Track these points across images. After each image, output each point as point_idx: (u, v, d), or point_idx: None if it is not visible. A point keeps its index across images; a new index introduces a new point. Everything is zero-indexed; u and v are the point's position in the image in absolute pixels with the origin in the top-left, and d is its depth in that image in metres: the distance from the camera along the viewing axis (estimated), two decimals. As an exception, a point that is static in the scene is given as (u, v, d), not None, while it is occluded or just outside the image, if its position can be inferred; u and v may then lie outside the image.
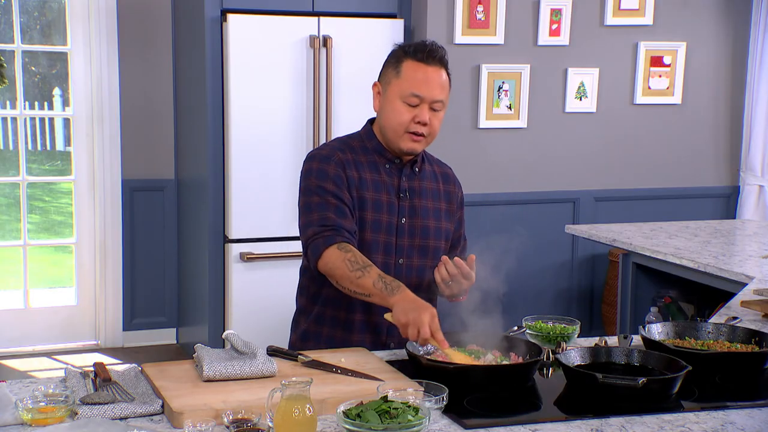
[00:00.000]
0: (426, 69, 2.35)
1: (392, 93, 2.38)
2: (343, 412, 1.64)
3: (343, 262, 2.24)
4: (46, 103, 5.79)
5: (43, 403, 1.70)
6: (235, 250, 4.77)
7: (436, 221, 2.47)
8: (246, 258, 4.73)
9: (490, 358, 2.09)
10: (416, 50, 2.37)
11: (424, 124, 2.35)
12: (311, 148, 4.80)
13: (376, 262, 2.33)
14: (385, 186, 2.42)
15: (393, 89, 2.38)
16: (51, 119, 6.18)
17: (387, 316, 2.21)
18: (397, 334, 2.31)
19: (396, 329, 2.25)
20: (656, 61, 5.38)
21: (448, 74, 2.41)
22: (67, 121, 5.68)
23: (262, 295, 4.79)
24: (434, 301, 2.47)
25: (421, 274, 2.44)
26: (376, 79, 2.47)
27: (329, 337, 2.41)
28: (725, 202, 5.70)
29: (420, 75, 2.34)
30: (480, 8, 5.00)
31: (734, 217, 5.61)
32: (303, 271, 2.49)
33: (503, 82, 5.11)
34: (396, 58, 2.41)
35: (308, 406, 1.60)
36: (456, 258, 2.28)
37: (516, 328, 2.31)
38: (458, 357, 2.06)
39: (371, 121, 2.49)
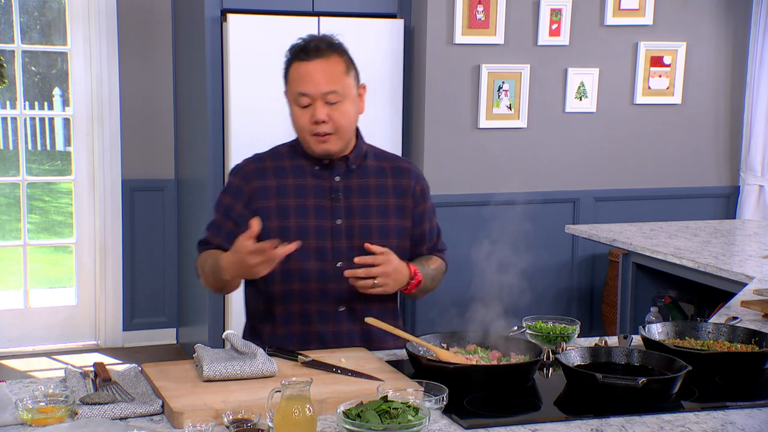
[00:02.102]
0: (307, 65, 2.26)
1: (289, 99, 2.33)
2: (343, 412, 1.64)
3: (198, 267, 2.38)
4: (46, 103, 5.79)
5: (43, 403, 1.70)
6: (235, 250, 4.76)
7: (381, 219, 2.37)
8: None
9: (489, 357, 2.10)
10: (297, 50, 2.30)
11: (323, 122, 2.26)
12: (311, 148, 4.81)
13: (311, 269, 2.30)
14: (312, 190, 2.34)
15: (288, 95, 2.33)
16: (51, 119, 6.18)
17: (368, 320, 2.22)
18: (345, 344, 2.31)
19: (341, 338, 2.31)
20: (656, 61, 5.38)
21: (346, 60, 2.30)
22: (67, 121, 5.68)
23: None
24: (395, 301, 2.46)
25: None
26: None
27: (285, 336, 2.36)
28: (725, 202, 5.70)
29: (302, 72, 2.27)
30: (480, 8, 5.00)
31: (734, 217, 5.61)
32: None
33: (503, 82, 5.11)
34: (285, 63, 2.34)
35: (308, 406, 1.60)
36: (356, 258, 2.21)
37: (516, 328, 2.31)
38: (456, 358, 2.06)
39: None
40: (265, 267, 2.11)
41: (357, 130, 2.40)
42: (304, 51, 2.28)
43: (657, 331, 2.28)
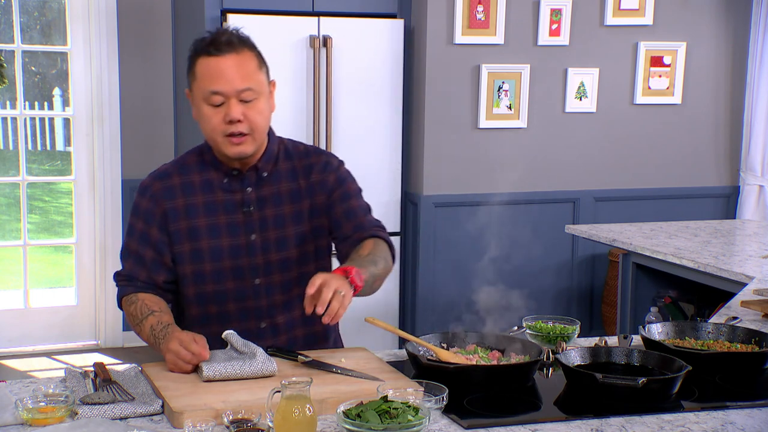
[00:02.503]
0: (217, 60, 2.08)
1: (197, 98, 2.13)
2: (343, 412, 1.64)
3: (128, 316, 2.20)
4: (46, 103, 5.79)
5: (43, 403, 1.70)
6: (235, 250, 4.77)
7: (297, 226, 2.22)
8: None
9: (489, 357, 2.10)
10: (204, 44, 2.11)
11: (238, 121, 2.09)
12: (311, 148, 4.81)
13: (228, 290, 2.19)
14: (222, 206, 2.19)
15: (196, 94, 2.13)
16: (51, 119, 6.18)
17: (368, 319, 2.14)
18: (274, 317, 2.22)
19: (266, 340, 2.18)
20: (656, 61, 5.38)
21: (257, 55, 2.15)
22: (67, 121, 5.68)
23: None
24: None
25: (287, 290, 2.23)
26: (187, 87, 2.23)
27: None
28: (725, 202, 5.70)
29: (212, 69, 2.09)
30: (480, 8, 5.00)
31: (734, 217, 5.61)
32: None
33: (503, 82, 5.11)
34: (190, 60, 2.14)
35: (308, 406, 1.60)
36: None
37: (516, 328, 2.31)
38: (456, 358, 2.06)
39: None
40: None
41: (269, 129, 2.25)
42: (214, 45, 2.09)
43: (657, 331, 2.28)
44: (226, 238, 2.19)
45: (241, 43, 2.12)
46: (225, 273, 2.19)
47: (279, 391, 1.62)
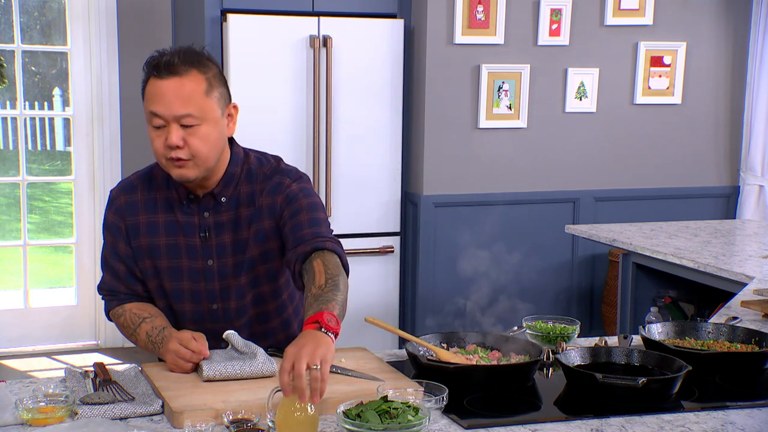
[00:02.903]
0: (160, 83, 2.01)
1: (146, 119, 2.08)
2: (343, 412, 1.64)
3: (121, 327, 2.20)
4: (46, 103, 5.79)
5: (43, 403, 1.70)
6: (235, 250, 4.77)
7: (254, 249, 2.15)
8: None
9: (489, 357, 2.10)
10: (151, 65, 2.04)
11: (177, 147, 2.02)
12: (311, 148, 4.82)
13: (185, 311, 2.19)
14: (181, 227, 2.15)
15: (145, 114, 2.08)
16: (51, 119, 6.18)
17: (368, 319, 2.16)
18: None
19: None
20: (656, 61, 5.38)
21: (208, 78, 2.05)
22: (67, 121, 5.68)
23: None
24: (281, 332, 2.25)
25: (242, 315, 2.20)
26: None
27: None
28: (725, 202, 5.70)
29: (154, 91, 2.03)
30: (480, 8, 5.00)
31: (734, 217, 5.61)
32: None
33: (503, 82, 5.11)
34: (143, 78, 2.09)
35: (309, 405, 1.60)
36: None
37: (516, 328, 2.31)
38: (456, 358, 2.06)
39: None
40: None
41: (232, 146, 2.19)
42: (157, 67, 2.02)
43: (657, 331, 2.28)
44: (185, 260, 2.17)
45: (188, 64, 2.03)
46: (182, 294, 2.19)
47: (280, 390, 1.62)
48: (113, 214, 2.20)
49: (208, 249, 2.16)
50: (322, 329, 1.73)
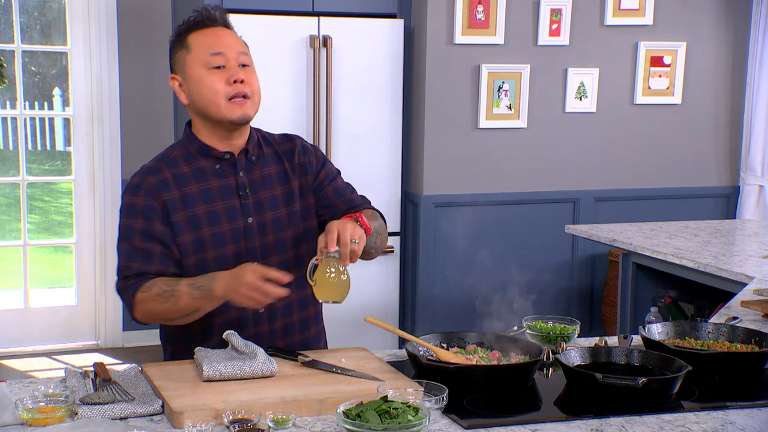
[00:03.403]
0: (214, 30, 2.17)
1: (193, 70, 2.15)
2: (343, 412, 1.64)
3: (154, 300, 2.07)
4: (46, 103, 5.79)
5: (43, 403, 1.70)
6: (235, 250, 4.77)
7: (289, 206, 2.24)
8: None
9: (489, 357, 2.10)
10: (193, 22, 2.18)
11: (241, 82, 2.12)
12: (311, 148, 4.81)
13: None
14: (218, 192, 2.18)
15: (191, 67, 2.15)
16: (51, 119, 6.18)
17: (368, 319, 2.18)
18: (267, 343, 2.17)
19: (264, 338, 2.17)
20: (656, 61, 5.38)
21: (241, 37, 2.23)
22: (67, 121, 5.69)
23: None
24: (317, 304, 2.28)
25: (284, 271, 2.15)
26: (170, 75, 2.26)
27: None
28: (725, 202, 5.70)
29: (210, 37, 2.16)
30: (480, 8, 5.00)
31: (734, 217, 5.61)
32: None
33: (503, 82, 5.11)
34: (179, 41, 2.20)
35: (343, 270, 1.98)
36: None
37: (516, 328, 2.31)
38: (456, 358, 2.06)
39: (189, 124, 2.25)
40: (266, 299, 2.00)
41: None
42: (206, 19, 2.17)
43: (657, 331, 2.28)
44: (226, 224, 2.17)
45: (230, 22, 2.23)
46: (227, 259, 2.16)
47: (317, 259, 2.00)
48: (143, 197, 2.14)
49: (247, 207, 2.20)
50: (358, 222, 2.08)
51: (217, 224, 2.17)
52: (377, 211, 2.37)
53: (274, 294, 1.97)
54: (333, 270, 1.98)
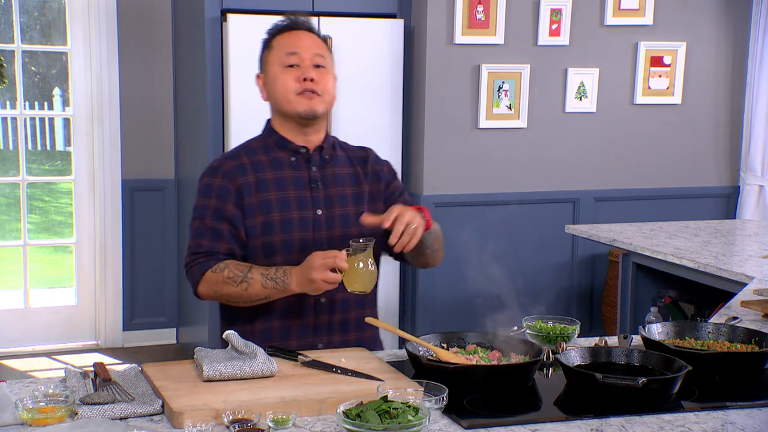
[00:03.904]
0: (296, 33, 2.37)
1: (272, 68, 2.34)
2: (343, 412, 1.64)
3: (224, 282, 2.22)
4: (46, 103, 5.79)
5: (43, 403, 1.70)
6: (235, 250, 4.77)
7: (357, 207, 2.36)
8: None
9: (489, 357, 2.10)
10: (280, 26, 2.40)
11: (311, 79, 2.28)
12: (311, 148, 4.81)
13: (294, 261, 2.24)
14: (291, 181, 2.33)
15: (271, 65, 2.35)
16: (51, 119, 6.18)
17: (368, 320, 2.22)
18: (324, 332, 2.31)
19: (320, 330, 2.28)
20: (656, 61, 5.38)
21: (324, 42, 2.40)
22: (67, 121, 5.69)
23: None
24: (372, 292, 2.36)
25: None
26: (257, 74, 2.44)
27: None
28: (725, 202, 5.70)
29: (290, 38, 2.36)
30: (480, 8, 5.00)
31: (734, 217, 5.61)
32: None
33: (503, 82, 5.11)
34: (266, 43, 2.41)
35: (370, 262, 2.11)
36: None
37: (516, 328, 2.31)
38: (456, 358, 2.06)
39: (269, 120, 2.43)
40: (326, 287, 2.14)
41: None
42: (290, 25, 2.37)
43: (657, 331, 2.28)
44: (295, 211, 2.30)
45: (314, 28, 2.43)
46: (292, 244, 2.28)
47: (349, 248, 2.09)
48: (220, 179, 2.30)
49: (317, 199, 2.32)
50: (421, 213, 2.18)
51: (287, 211, 2.29)
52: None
53: (332, 279, 2.11)
54: (361, 261, 2.11)
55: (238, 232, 2.28)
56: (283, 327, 2.29)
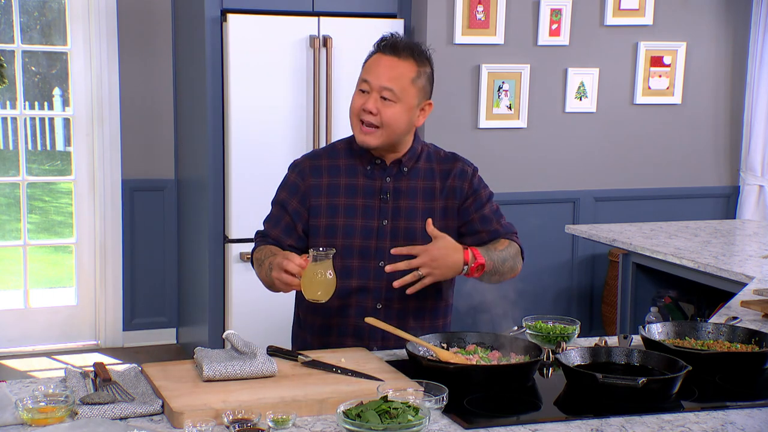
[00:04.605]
0: (381, 57, 2.34)
1: (357, 84, 2.40)
2: (343, 412, 1.64)
3: (255, 263, 2.39)
4: (46, 103, 5.79)
5: (43, 403, 1.70)
6: (235, 250, 4.77)
7: (425, 221, 2.34)
8: (246, 258, 4.73)
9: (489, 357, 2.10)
10: (380, 43, 2.37)
11: (370, 112, 2.32)
12: (311, 148, 4.81)
13: (353, 267, 2.36)
14: (362, 189, 2.39)
15: (358, 81, 2.40)
16: (51, 119, 6.18)
17: (368, 319, 2.23)
18: (379, 337, 2.35)
19: (375, 331, 2.30)
20: (656, 61, 5.38)
21: (420, 70, 2.33)
22: (67, 121, 5.68)
23: (262, 295, 4.73)
24: (437, 299, 2.45)
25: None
26: None
27: (311, 343, 2.42)
28: (725, 202, 5.70)
29: (373, 62, 2.35)
30: (480, 8, 5.00)
31: (734, 217, 5.61)
32: None
33: (503, 82, 5.11)
34: (369, 54, 2.42)
35: (328, 272, 2.08)
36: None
37: (516, 328, 2.31)
38: (456, 358, 2.06)
39: None
40: (286, 288, 2.21)
41: (416, 131, 2.46)
42: (383, 45, 2.35)
43: (657, 331, 2.28)
44: (360, 219, 2.38)
45: (408, 52, 2.33)
46: (352, 250, 2.36)
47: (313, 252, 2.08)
48: (296, 175, 2.43)
49: (384, 210, 2.39)
50: (465, 262, 2.23)
51: (352, 217, 2.38)
52: (516, 240, 2.47)
53: (285, 280, 2.15)
54: (320, 270, 2.11)
55: (296, 226, 2.39)
56: (341, 325, 2.39)
